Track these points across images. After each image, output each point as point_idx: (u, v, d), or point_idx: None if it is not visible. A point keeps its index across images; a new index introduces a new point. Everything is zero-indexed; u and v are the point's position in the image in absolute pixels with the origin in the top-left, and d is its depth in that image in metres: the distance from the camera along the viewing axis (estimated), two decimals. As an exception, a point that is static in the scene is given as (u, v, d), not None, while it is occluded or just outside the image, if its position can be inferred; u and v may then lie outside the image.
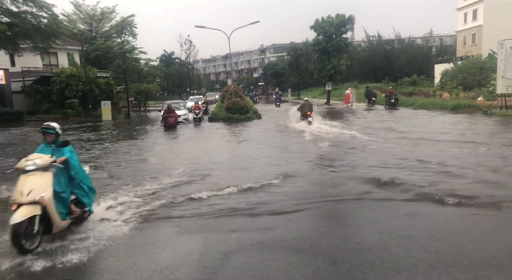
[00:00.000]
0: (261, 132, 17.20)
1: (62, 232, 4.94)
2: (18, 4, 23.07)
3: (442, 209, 5.77)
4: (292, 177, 8.05)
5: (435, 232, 4.79)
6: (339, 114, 25.01)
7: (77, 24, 40.80)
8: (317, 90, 52.97)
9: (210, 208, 6.18)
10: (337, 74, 38.09)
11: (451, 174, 7.68)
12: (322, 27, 36.58)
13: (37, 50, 26.42)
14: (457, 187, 6.73)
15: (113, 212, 5.94)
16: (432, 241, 4.50)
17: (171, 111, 20.56)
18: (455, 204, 5.88)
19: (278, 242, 4.67)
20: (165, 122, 20.12)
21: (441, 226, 5.05)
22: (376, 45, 60.49)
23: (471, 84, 29.02)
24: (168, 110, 20.51)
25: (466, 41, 46.31)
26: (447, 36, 69.96)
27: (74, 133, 19.15)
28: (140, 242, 4.93)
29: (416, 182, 7.11)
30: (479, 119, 17.60)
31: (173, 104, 23.91)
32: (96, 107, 30.00)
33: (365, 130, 15.27)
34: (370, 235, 4.81)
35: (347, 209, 6.09)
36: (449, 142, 11.79)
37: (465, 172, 7.80)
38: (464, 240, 4.58)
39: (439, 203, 5.98)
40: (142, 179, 8.25)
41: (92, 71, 31.03)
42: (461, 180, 7.22)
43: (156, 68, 49.97)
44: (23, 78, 29.60)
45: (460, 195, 6.21)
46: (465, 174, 7.65)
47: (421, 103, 25.63)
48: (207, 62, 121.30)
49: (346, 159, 9.96)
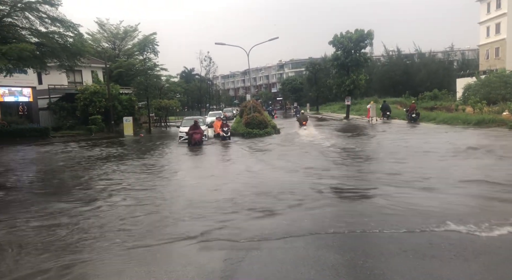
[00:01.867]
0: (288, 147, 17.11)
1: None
2: (46, 25, 24.04)
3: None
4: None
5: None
6: (358, 130, 24.69)
7: (101, 42, 42.21)
8: (336, 105, 52.76)
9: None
10: (356, 89, 37.87)
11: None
12: (341, 42, 36.61)
13: (63, 68, 27.37)
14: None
15: None
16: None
17: (197, 127, 19.69)
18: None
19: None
20: (190, 139, 19.28)
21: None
22: (396, 60, 60.14)
23: (495, 98, 28.34)
24: (194, 127, 19.67)
25: (489, 55, 45.49)
26: (468, 50, 69.03)
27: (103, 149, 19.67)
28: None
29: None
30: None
31: (191, 120, 23.62)
32: (118, 123, 30.66)
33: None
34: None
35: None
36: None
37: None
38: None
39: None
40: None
41: (115, 88, 31.85)
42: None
43: (177, 85, 50.89)
44: (49, 96, 30.66)
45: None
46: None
47: (443, 118, 25.11)
48: (226, 78, 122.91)
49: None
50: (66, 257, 5.21)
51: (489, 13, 44.92)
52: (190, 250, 5.31)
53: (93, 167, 13.55)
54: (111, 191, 9.39)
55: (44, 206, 8.11)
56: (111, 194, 9.07)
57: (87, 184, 10.56)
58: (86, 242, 5.76)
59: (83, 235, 6.13)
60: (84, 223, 6.75)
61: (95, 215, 7.30)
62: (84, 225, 6.66)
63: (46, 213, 7.57)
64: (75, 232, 6.30)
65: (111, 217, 7.12)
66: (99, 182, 10.74)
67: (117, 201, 8.39)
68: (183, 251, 5.33)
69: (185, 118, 26.38)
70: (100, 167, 13.56)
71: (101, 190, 9.59)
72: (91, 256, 5.21)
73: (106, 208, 7.75)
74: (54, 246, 5.67)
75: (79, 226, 6.62)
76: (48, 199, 8.92)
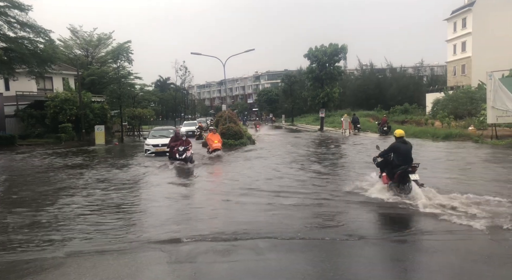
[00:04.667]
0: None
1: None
2: (15, 30, 23.34)
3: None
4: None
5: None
6: (331, 142, 25.06)
7: (74, 49, 41.23)
8: (311, 117, 53.47)
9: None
10: (330, 101, 38.61)
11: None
12: (316, 55, 37.34)
13: (32, 74, 26.55)
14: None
15: None
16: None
17: (178, 139, 16.09)
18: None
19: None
20: (171, 154, 16.02)
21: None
22: (369, 74, 61.77)
23: (462, 113, 29.54)
24: (176, 138, 16.29)
25: (456, 71, 47.48)
26: (437, 66, 71.84)
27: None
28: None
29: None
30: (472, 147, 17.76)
31: (160, 131, 21.62)
32: (89, 131, 29.87)
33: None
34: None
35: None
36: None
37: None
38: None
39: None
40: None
41: (87, 96, 31.09)
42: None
43: (151, 93, 50.32)
44: (16, 102, 29.54)
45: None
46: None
47: (413, 132, 25.86)
48: (202, 87, 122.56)
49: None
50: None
51: (455, 31, 47.03)
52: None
53: (51, 179, 13.00)
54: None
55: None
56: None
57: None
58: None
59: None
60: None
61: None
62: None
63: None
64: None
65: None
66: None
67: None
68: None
69: (153, 129, 23.42)
70: (58, 179, 12.97)
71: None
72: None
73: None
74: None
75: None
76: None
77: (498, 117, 19.56)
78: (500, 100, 19.04)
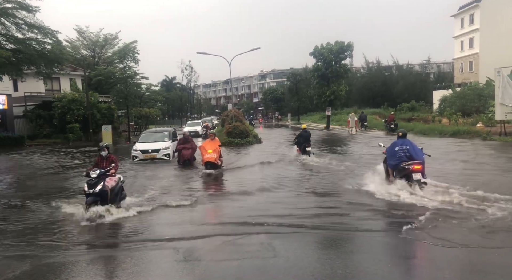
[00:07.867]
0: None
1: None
2: (23, 31, 23.55)
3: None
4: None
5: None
6: (337, 142, 24.95)
7: (80, 50, 41.54)
8: (317, 115, 53.26)
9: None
10: (336, 99, 38.45)
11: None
12: (322, 53, 37.21)
13: (40, 75, 26.79)
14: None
15: None
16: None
17: (188, 141, 15.49)
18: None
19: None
20: (179, 157, 15.37)
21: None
22: (375, 72, 61.34)
23: (470, 110, 29.25)
24: (184, 141, 15.57)
25: (464, 68, 47.02)
26: (444, 63, 71.15)
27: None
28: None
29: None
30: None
31: (153, 133, 18.98)
32: (97, 131, 30.07)
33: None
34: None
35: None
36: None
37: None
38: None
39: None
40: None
41: (94, 96, 31.32)
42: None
43: (157, 93, 50.57)
44: (25, 103, 29.86)
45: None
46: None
47: (421, 129, 25.71)
48: (208, 87, 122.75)
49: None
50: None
51: (463, 28, 46.56)
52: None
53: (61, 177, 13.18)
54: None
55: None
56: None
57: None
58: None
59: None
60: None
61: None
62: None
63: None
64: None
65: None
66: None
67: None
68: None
69: (145, 132, 20.80)
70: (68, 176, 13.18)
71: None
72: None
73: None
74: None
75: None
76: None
77: (507, 114, 19.34)
78: (509, 96, 18.85)
